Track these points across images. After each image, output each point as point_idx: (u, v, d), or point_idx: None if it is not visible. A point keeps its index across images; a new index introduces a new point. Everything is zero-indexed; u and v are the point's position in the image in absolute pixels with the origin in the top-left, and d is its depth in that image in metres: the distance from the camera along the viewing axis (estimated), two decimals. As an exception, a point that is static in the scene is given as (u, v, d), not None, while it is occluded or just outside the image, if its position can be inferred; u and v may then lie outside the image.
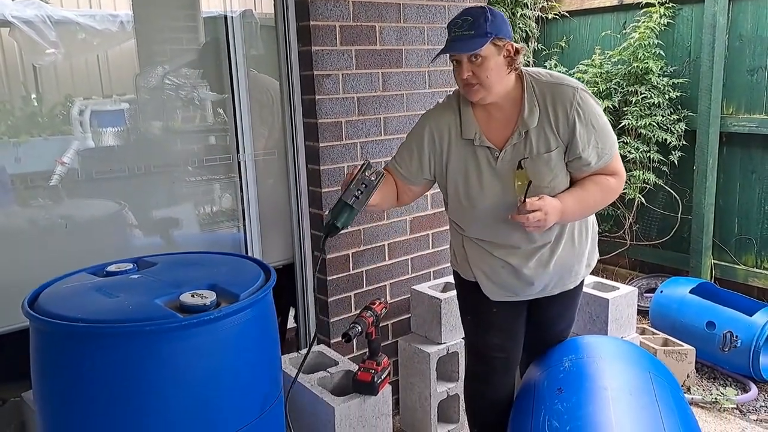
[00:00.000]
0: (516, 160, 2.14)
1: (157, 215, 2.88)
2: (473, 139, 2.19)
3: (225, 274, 1.97)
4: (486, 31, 2.01)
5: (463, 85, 2.12)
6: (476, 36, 2.01)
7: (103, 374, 1.65)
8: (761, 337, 3.56)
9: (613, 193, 2.22)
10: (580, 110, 2.11)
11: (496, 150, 2.17)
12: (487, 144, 2.18)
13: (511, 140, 2.15)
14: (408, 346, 3.12)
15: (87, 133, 2.78)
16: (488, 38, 2.01)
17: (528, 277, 2.27)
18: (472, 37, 2.02)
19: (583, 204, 2.17)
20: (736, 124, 4.39)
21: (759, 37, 4.24)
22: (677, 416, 2.10)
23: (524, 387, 2.41)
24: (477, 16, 2.03)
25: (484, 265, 2.32)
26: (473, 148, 2.20)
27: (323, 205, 2.93)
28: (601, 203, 2.24)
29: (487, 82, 2.07)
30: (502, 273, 2.29)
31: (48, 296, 1.84)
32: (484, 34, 2.01)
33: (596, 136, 2.12)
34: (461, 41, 2.03)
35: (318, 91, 2.83)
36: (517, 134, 2.14)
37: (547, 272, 2.27)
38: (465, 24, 2.03)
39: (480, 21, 2.02)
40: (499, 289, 2.34)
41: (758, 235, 4.39)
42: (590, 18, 5.25)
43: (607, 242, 5.07)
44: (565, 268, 2.30)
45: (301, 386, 2.28)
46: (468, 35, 2.02)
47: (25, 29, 2.64)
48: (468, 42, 2.02)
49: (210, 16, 2.97)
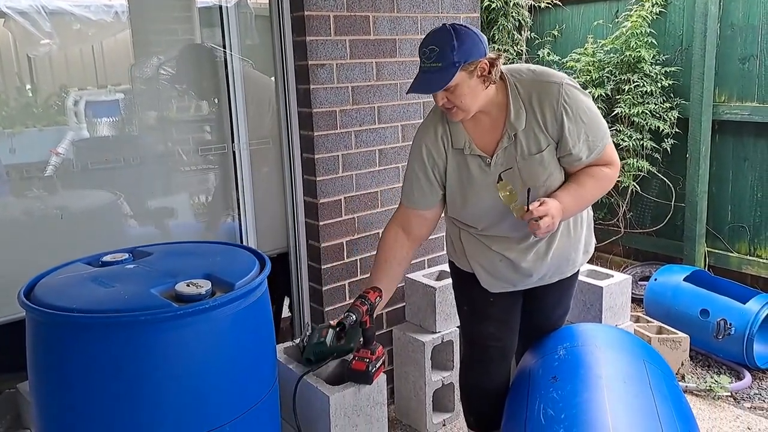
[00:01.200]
0: (509, 163, 2.14)
1: (153, 205, 2.88)
2: (463, 148, 2.18)
3: (220, 263, 1.98)
4: (453, 62, 1.95)
5: (442, 106, 2.10)
6: (444, 68, 1.96)
7: (99, 364, 1.65)
8: (755, 324, 3.59)
9: (609, 181, 2.22)
10: (567, 106, 2.07)
11: (487, 157, 2.16)
12: (477, 152, 2.17)
13: (501, 144, 2.14)
14: (402, 335, 3.13)
15: (82, 124, 2.78)
16: (456, 68, 1.96)
17: (526, 270, 2.28)
18: (440, 70, 1.96)
19: (581, 200, 2.17)
20: (729, 112, 4.40)
21: (750, 25, 4.25)
22: (671, 404, 2.12)
23: (519, 375, 2.43)
24: (443, 45, 1.96)
25: (482, 259, 2.32)
26: (464, 156, 2.19)
27: (317, 194, 2.93)
28: (598, 194, 2.25)
29: (463, 105, 2.05)
30: (500, 266, 2.30)
31: (44, 287, 1.84)
32: (452, 64, 1.95)
33: (586, 130, 2.10)
34: (430, 74, 1.98)
35: (312, 81, 2.83)
36: (506, 138, 2.13)
37: (545, 264, 2.28)
38: (432, 55, 1.96)
39: (446, 51, 1.95)
40: (497, 282, 2.34)
41: (751, 223, 4.42)
42: (582, 7, 5.25)
43: (602, 230, 5.09)
44: (562, 257, 2.31)
45: (296, 375, 2.29)
46: (436, 67, 1.96)
47: (19, 20, 2.63)
48: (436, 76, 1.97)
49: (205, 7, 2.96)
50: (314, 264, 3.04)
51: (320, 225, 2.97)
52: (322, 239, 2.98)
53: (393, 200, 3.18)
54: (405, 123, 3.17)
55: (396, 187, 3.17)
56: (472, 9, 3.33)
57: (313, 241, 3.02)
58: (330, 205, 2.98)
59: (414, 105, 3.18)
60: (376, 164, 3.10)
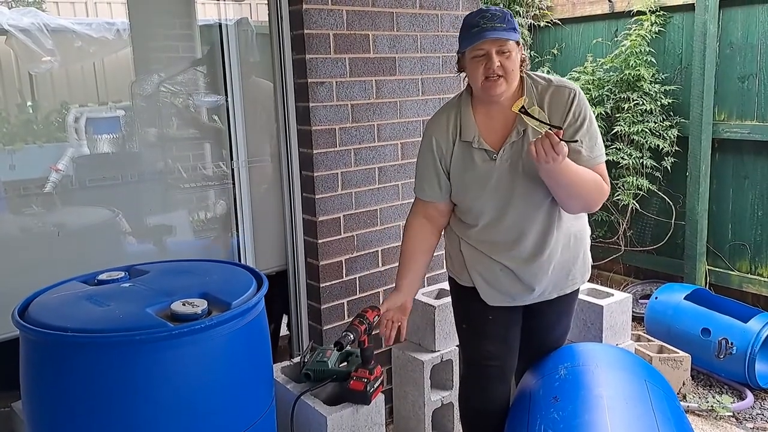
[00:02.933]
0: (514, 159, 2.18)
1: (151, 222, 2.87)
2: (471, 141, 2.23)
3: (216, 282, 1.97)
4: (514, 27, 2.11)
5: (484, 78, 2.14)
6: (508, 28, 2.09)
7: (94, 384, 1.64)
8: (756, 343, 3.56)
9: (600, 191, 2.19)
10: (574, 108, 2.17)
11: (494, 152, 2.20)
12: (484, 147, 2.22)
13: (509, 139, 2.19)
14: (401, 354, 3.11)
15: (82, 140, 2.78)
16: (518, 33, 2.12)
17: (527, 282, 2.28)
18: (506, 29, 2.08)
19: (578, 177, 2.11)
20: (728, 130, 4.40)
21: (749, 44, 4.26)
22: (673, 424, 2.10)
23: (519, 395, 2.40)
24: (505, 13, 2.12)
25: (482, 269, 2.32)
26: (471, 150, 2.24)
27: (316, 212, 2.92)
28: (591, 191, 2.17)
29: (511, 75, 2.13)
30: (501, 276, 2.30)
31: (38, 305, 1.83)
32: (513, 29, 2.11)
33: (587, 135, 2.18)
34: (496, 32, 2.07)
35: (312, 99, 2.83)
36: (515, 132, 2.19)
37: (546, 277, 2.27)
38: (496, 17, 2.09)
39: (508, 17, 2.11)
40: (496, 294, 2.33)
41: (752, 241, 4.40)
42: (582, 26, 5.27)
43: (602, 248, 5.08)
44: (563, 271, 2.31)
45: (293, 395, 2.27)
46: (501, 27, 2.07)
47: (21, 37, 2.65)
48: (503, 32, 2.07)
49: (206, 25, 2.97)
50: (313, 282, 3.02)
51: (319, 243, 2.95)
52: (321, 257, 2.97)
53: (392, 218, 3.17)
54: (404, 141, 3.17)
55: (395, 204, 3.17)
56: (472, 27, 3.34)
57: (312, 259, 3.00)
58: (329, 223, 2.97)
59: (413, 123, 3.18)
60: (375, 182, 3.10)
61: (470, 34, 2.11)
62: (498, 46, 2.09)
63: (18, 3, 2.83)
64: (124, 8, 2.80)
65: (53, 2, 3.06)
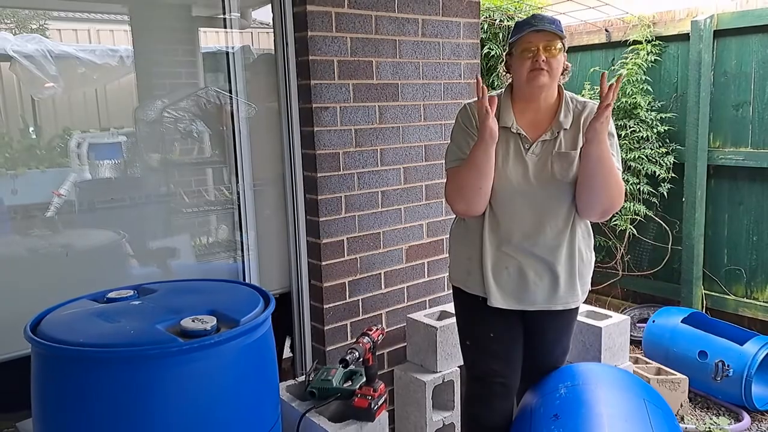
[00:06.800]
0: (543, 157, 2.30)
1: (156, 246, 2.90)
2: (510, 126, 2.33)
3: (224, 300, 2.00)
4: (562, 30, 2.27)
5: (530, 70, 2.27)
6: (557, 29, 2.25)
7: (105, 398, 1.66)
8: (753, 366, 3.59)
9: (621, 192, 2.29)
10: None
11: (528, 141, 2.32)
12: (522, 132, 2.33)
13: (543, 136, 2.31)
14: (404, 374, 3.14)
15: (84, 165, 2.80)
16: (565, 37, 2.28)
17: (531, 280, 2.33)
18: (555, 29, 2.24)
19: (609, 164, 2.23)
20: (723, 157, 4.47)
21: (743, 73, 4.35)
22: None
23: (520, 413, 2.43)
24: (555, 19, 2.29)
25: (490, 262, 2.36)
26: (507, 134, 2.33)
27: (320, 234, 2.97)
28: (612, 184, 2.25)
29: (555, 72, 2.29)
30: (505, 274, 2.35)
31: (49, 322, 1.85)
32: (561, 31, 2.26)
33: (614, 150, 2.31)
34: (546, 27, 2.23)
35: (316, 123, 2.89)
36: (550, 132, 2.32)
37: (549, 278, 2.34)
38: (546, 18, 2.26)
39: (558, 22, 2.28)
40: (504, 295, 2.36)
41: (747, 266, 4.45)
42: (579, 55, 5.36)
43: (600, 272, 5.11)
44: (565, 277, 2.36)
45: (298, 413, 2.29)
46: (551, 27, 2.24)
47: (25, 63, 2.68)
48: (553, 29, 2.23)
49: (210, 52, 3.03)
50: (316, 303, 3.06)
51: (322, 265, 2.99)
52: (324, 279, 3.01)
53: (395, 241, 3.22)
54: (407, 166, 3.22)
55: (398, 228, 3.22)
56: (473, 56, 3.42)
57: (316, 281, 3.04)
58: (332, 246, 3.02)
59: (416, 148, 3.24)
60: (378, 206, 3.15)
61: (521, 30, 2.26)
62: (546, 42, 2.24)
63: (22, 29, 2.88)
64: (126, 35, 2.85)
65: (57, 29, 3.09)
